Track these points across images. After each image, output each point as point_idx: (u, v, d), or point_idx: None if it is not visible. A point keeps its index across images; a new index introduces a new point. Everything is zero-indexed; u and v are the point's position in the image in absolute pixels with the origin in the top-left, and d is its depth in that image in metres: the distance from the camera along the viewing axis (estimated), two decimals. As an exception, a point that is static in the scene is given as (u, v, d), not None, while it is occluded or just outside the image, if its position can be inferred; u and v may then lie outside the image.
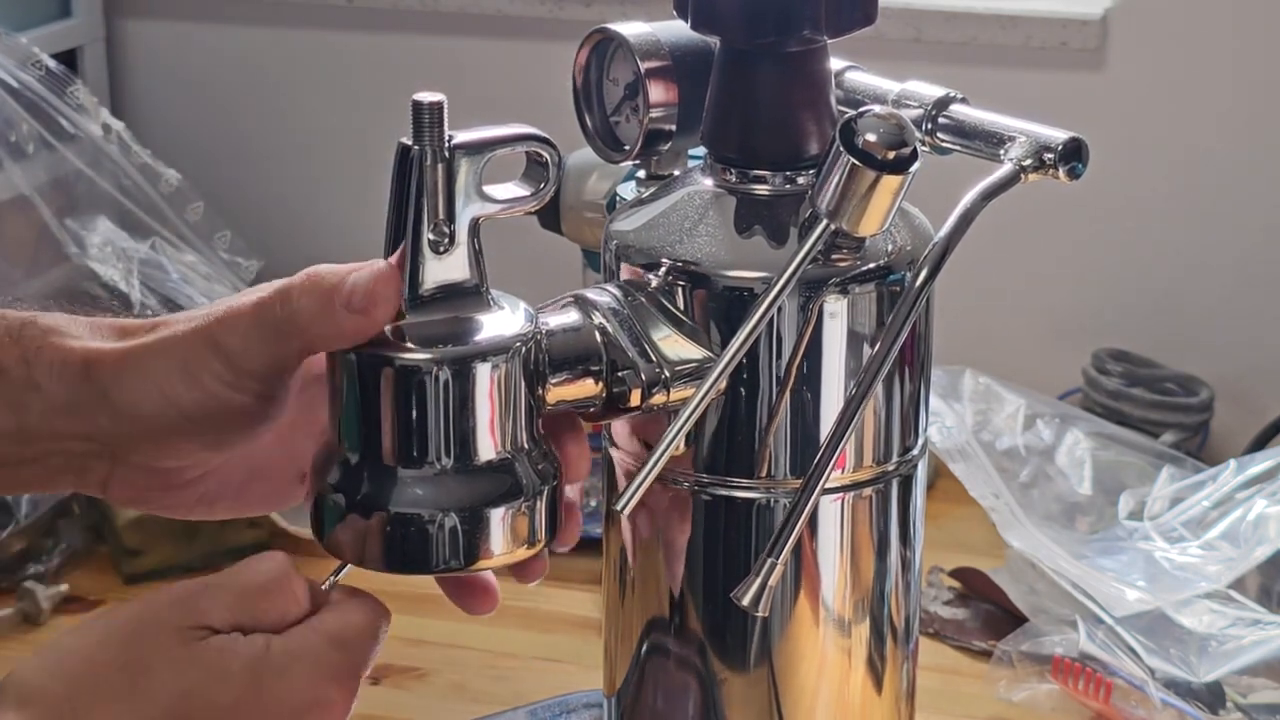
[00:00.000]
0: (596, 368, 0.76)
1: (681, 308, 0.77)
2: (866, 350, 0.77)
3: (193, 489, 0.81)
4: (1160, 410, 1.66)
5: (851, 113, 0.73)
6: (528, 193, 0.76)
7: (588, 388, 0.76)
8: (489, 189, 0.75)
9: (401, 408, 0.73)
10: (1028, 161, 0.75)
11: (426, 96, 0.72)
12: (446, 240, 0.74)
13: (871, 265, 0.77)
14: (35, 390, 0.77)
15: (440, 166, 0.73)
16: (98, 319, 0.80)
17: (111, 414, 0.77)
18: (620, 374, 0.76)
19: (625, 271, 0.79)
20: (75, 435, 0.78)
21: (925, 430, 0.82)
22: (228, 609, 0.72)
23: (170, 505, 0.81)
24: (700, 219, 0.78)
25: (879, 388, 0.77)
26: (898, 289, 0.77)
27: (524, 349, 0.74)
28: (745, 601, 0.74)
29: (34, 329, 0.78)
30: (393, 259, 0.74)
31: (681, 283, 0.77)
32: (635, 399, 0.77)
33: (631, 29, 0.82)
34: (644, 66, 0.81)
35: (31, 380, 0.77)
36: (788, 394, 0.77)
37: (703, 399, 0.75)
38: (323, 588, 0.75)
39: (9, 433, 0.78)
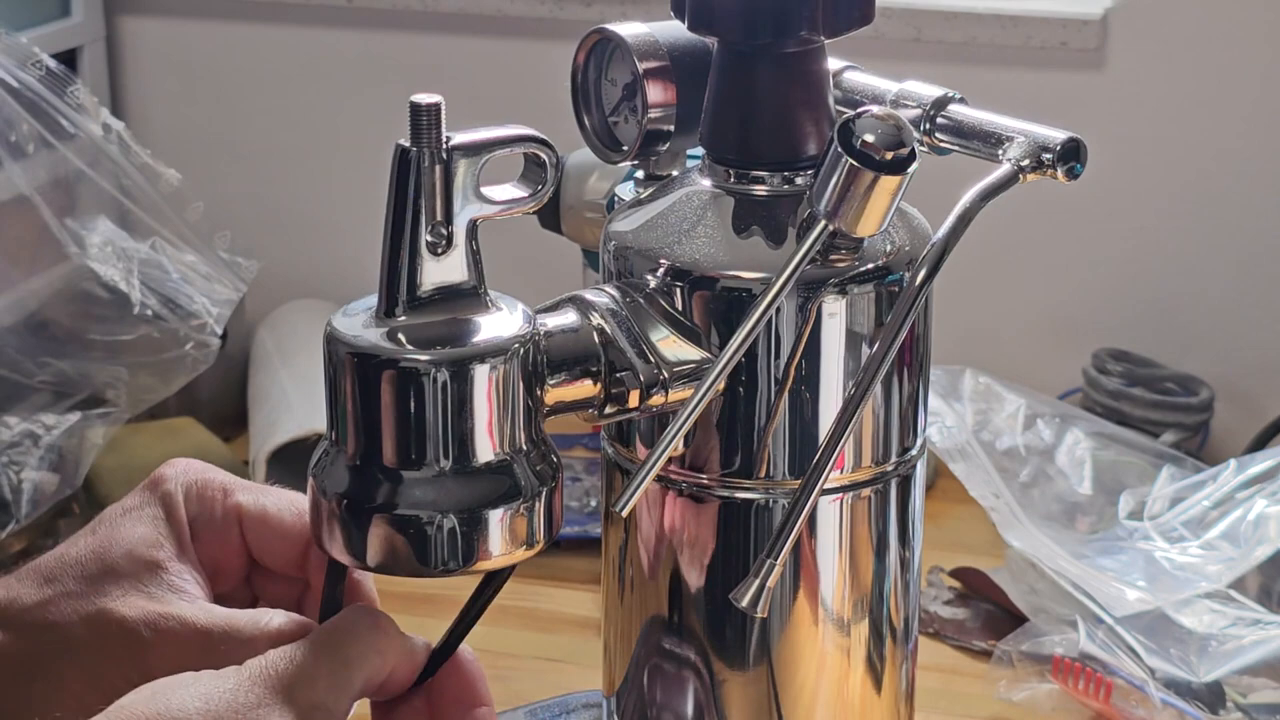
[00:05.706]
0: (595, 369, 0.76)
1: (680, 308, 0.77)
2: (865, 350, 0.77)
3: None
4: (1160, 410, 1.65)
5: (850, 113, 0.73)
6: (526, 194, 0.76)
7: (586, 389, 0.76)
8: (487, 190, 0.75)
9: (400, 409, 0.73)
10: (1026, 161, 0.75)
11: (424, 98, 0.72)
12: (444, 241, 0.74)
13: (870, 265, 0.77)
14: None
15: (438, 168, 0.73)
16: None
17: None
18: (619, 375, 0.76)
19: (623, 272, 0.79)
20: None
21: (924, 430, 0.82)
22: None
23: None
24: (698, 219, 0.78)
25: (878, 388, 0.77)
26: (896, 289, 0.77)
27: (522, 350, 0.74)
28: (744, 602, 0.74)
29: None
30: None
31: (680, 283, 0.77)
32: (634, 400, 0.77)
33: (629, 29, 0.82)
34: (642, 67, 0.81)
35: None
36: (786, 394, 0.77)
37: (701, 399, 0.75)
38: None
39: None
